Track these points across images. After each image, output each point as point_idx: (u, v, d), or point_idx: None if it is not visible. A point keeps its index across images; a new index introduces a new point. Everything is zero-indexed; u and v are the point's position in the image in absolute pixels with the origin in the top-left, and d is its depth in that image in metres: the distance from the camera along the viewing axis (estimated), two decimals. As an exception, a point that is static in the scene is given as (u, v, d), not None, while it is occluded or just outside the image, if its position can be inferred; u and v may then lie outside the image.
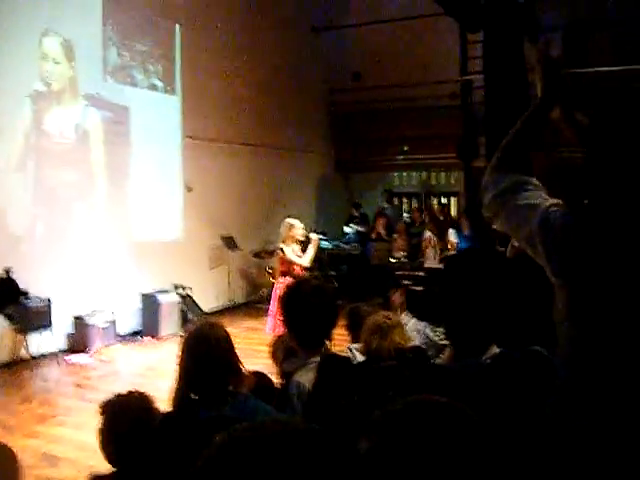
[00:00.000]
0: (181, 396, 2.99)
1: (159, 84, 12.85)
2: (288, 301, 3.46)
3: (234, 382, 3.01)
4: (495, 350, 2.43)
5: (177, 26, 13.09)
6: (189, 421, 2.83)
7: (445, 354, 2.61)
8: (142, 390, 3.45)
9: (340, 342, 4.61)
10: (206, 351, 2.97)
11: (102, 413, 3.29)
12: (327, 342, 3.42)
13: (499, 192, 2.03)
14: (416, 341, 4.62)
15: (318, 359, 3.29)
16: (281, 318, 3.58)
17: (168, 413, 3.03)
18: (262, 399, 3.18)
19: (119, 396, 3.38)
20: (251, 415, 2.90)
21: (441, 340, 4.86)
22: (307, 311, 3.33)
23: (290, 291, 3.54)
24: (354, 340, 4.97)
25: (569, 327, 1.82)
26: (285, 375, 3.64)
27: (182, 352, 3.05)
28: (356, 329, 4.92)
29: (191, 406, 2.92)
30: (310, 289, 3.42)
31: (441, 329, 4.95)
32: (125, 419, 3.24)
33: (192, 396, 2.98)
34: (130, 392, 3.47)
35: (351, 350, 4.65)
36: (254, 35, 14.93)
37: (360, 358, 4.31)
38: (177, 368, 3.06)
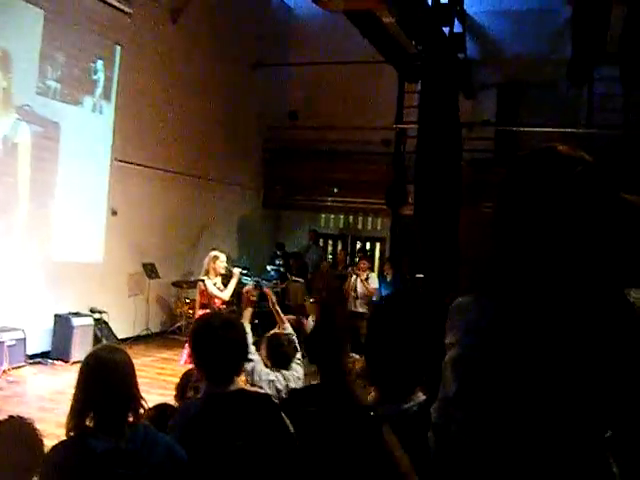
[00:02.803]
0: (75, 424, 2.82)
1: (93, 103, 12.67)
2: (197, 334, 3.40)
3: (133, 411, 2.88)
4: (421, 397, 2.41)
5: (117, 47, 12.97)
6: (84, 453, 2.71)
7: (369, 398, 2.58)
8: (49, 414, 3.34)
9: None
10: (105, 376, 2.84)
11: None
12: (236, 378, 3.36)
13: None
14: (267, 391, 4.57)
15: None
16: (191, 353, 3.50)
17: (61, 443, 2.84)
18: (164, 431, 3.10)
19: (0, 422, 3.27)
20: (150, 448, 2.82)
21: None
22: (215, 345, 3.27)
23: (199, 324, 3.48)
24: (274, 367, 4.94)
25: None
26: None
27: (81, 374, 2.91)
28: (276, 358, 4.91)
29: (86, 436, 2.77)
30: (220, 323, 3.36)
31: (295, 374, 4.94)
32: (5, 445, 3.13)
33: (87, 424, 2.82)
34: (11, 417, 3.35)
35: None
36: (194, 65, 14.92)
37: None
38: (73, 393, 2.90)
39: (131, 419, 2.87)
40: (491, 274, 1.79)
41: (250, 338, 5.05)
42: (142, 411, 2.95)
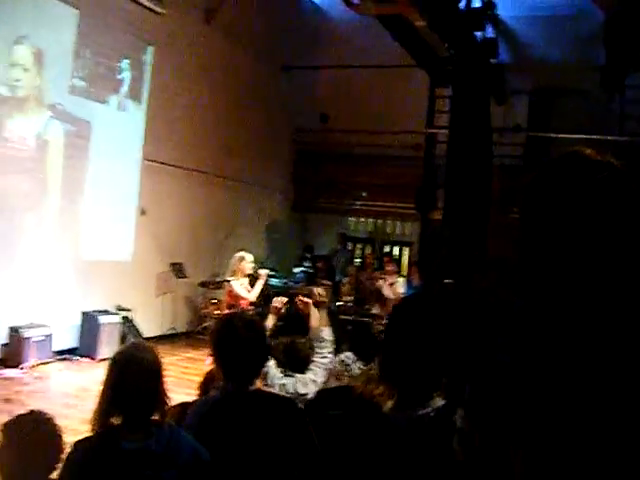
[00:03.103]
0: (102, 420, 2.81)
1: (125, 103, 12.75)
2: (218, 333, 3.39)
3: (159, 410, 2.87)
4: (439, 402, 2.38)
5: (150, 47, 13.04)
6: (112, 452, 2.70)
7: (388, 403, 2.55)
8: (73, 410, 3.35)
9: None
10: (133, 374, 2.82)
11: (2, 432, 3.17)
12: (255, 379, 3.34)
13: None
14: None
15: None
16: (212, 353, 3.48)
17: (87, 439, 2.84)
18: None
19: (20, 416, 3.26)
20: (176, 449, 2.80)
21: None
22: (236, 345, 3.26)
23: (221, 324, 3.46)
24: (289, 370, 4.89)
25: None
26: None
27: (109, 372, 2.89)
28: (291, 362, 4.85)
29: (113, 434, 2.76)
30: (241, 323, 3.35)
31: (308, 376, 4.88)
32: (25, 440, 3.13)
33: (113, 421, 2.82)
34: (32, 411, 3.35)
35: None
36: (226, 66, 14.97)
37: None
38: (101, 389, 2.90)
39: (157, 418, 2.86)
40: (520, 278, 1.76)
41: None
42: (168, 409, 2.96)
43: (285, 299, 6.21)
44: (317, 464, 2.74)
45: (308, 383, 4.68)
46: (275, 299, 6.25)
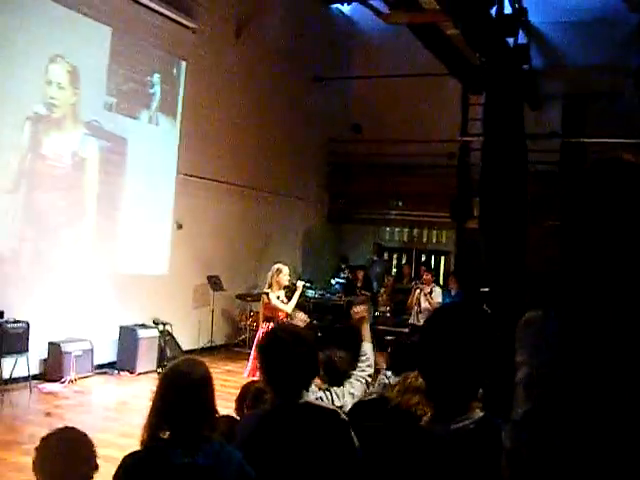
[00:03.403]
0: (151, 435, 2.84)
1: (159, 119, 12.86)
2: (267, 349, 3.38)
3: (209, 426, 2.89)
4: (479, 414, 2.35)
5: (183, 63, 13.16)
6: (161, 466, 2.72)
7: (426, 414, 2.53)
8: (113, 423, 3.38)
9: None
10: (183, 388, 2.85)
11: (36, 448, 3.21)
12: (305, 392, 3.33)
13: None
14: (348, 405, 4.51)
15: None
16: (260, 366, 3.48)
17: (137, 453, 2.87)
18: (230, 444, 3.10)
19: (53, 433, 3.29)
20: (225, 464, 2.81)
21: None
22: (287, 360, 3.25)
23: (269, 338, 3.45)
24: (326, 384, 4.87)
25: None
26: None
27: (160, 386, 2.92)
28: (331, 378, 4.83)
29: (162, 448, 2.78)
30: (291, 337, 3.35)
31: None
32: (58, 457, 3.16)
33: (163, 435, 2.84)
34: (65, 428, 3.38)
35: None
36: (258, 79, 15.04)
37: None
38: (151, 403, 2.91)
39: (206, 433, 2.87)
40: (560, 288, 1.74)
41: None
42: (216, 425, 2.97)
43: (306, 317, 6.17)
44: (360, 477, 2.72)
45: (345, 395, 4.66)
46: (298, 316, 6.23)
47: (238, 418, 4.39)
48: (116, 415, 8.92)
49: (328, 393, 4.64)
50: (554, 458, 1.62)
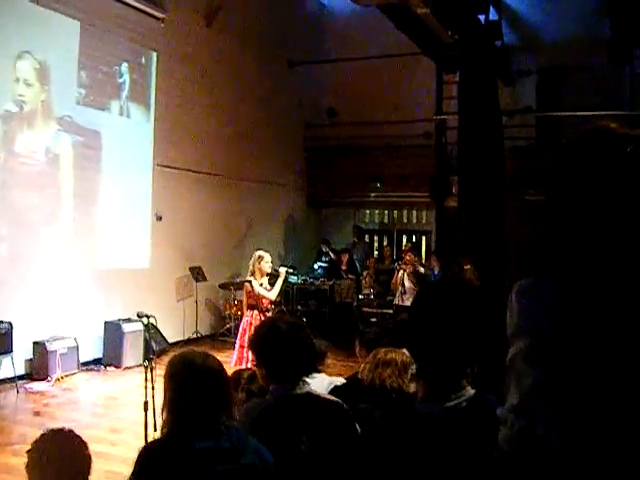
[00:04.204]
0: (174, 427, 2.83)
1: (132, 110, 12.77)
2: (264, 339, 3.36)
3: (227, 414, 2.89)
4: (470, 392, 2.34)
5: (154, 54, 13.06)
6: (184, 450, 2.71)
7: (418, 393, 2.52)
8: (102, 419, 3.37)
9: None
10: (206, 380, 2.85)
11: (28, 451, 3.20)
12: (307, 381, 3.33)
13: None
14: None
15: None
16: (254, 357, 3.45)
17: (159, 440, 2.89)
18: None
19: (45, 434, 3.29)
20: (245, 448, 2.83)
21: None
22: (286, 348, 3.25)
23: (266, 329, 3.43)
24: None
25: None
26: None
27: (175, 382, 2.90)
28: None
29: (185, 435, 2.77)
30: (287, 326, 3.34)
31: None
32: (51, 459, 3.16)
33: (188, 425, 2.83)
34: (56, 430, 3.37)
35: None
36: (231, 67, 14.97)
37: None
38: (166, 400, 2.90)
39: (226, 421, 2.88)
40: (549, 257, 1.73)
41: None
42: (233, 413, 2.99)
43: None
44: (363, 466, 2.72)
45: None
46: None
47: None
48: (105, 411, 8.90)
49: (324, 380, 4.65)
50: (573, 430, 1.61)
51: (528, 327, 1.71)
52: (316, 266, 16.81)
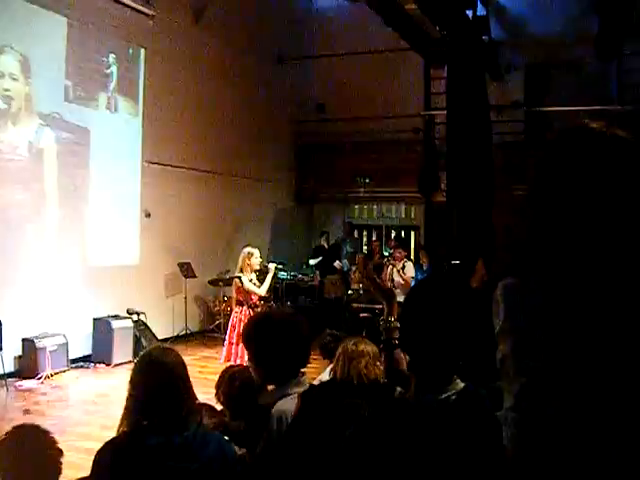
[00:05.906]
0: (130, 422, 2.86)
1: (121, 107, 12.74)
2: (259, 334, 3.35)
3: (186, 409, 2.88)
4: (460, 385, 2.36)
5: (142, 50, 13.03)
6: (136, 447, 2.72)
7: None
8: (93, 417, 3.37)
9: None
10: (161, 377, 2.86)
11: None
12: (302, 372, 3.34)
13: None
14: None
15: (300, 389, 3.19)
16: (249, 352, 3.43)
17: (112, 440, 2.88)
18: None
19: (11, 432, 3.31)
20: (201, 445, 2.83)
21: None
22: (280, 344, 3.23)
23: (259, 325, 3.42)
24: None
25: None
26: (258, 408, 3.50)
27: (134, 376, 2.92)
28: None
29: (140, 432, 2.79)
30: (281, 321, 3.34)
31: None
32: (19, 456, 3.17)
33: (143, 423, 2.84)
34: (23, 425, 3.41)
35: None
36: (219, 63, 14.94)
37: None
38: (128, 393, 2.92)
39: (185, 417, 2.87)
40: (534, 256, 1.74)
41: None
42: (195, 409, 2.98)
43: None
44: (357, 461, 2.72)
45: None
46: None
47: (218, 405, 4.39)
48: (95, 408, 8.88)
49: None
50: (564, 430, 1.61)
51: (513, 327, 1.72)
52: (312, 262, 16.59)
